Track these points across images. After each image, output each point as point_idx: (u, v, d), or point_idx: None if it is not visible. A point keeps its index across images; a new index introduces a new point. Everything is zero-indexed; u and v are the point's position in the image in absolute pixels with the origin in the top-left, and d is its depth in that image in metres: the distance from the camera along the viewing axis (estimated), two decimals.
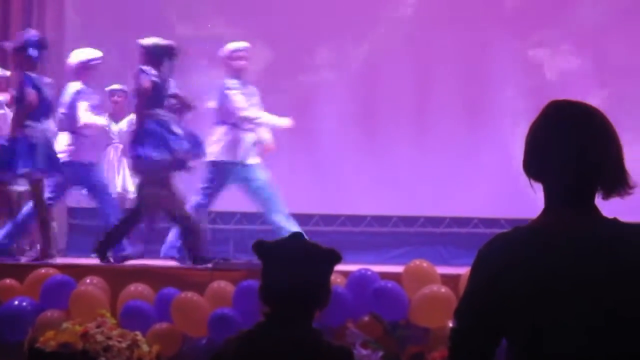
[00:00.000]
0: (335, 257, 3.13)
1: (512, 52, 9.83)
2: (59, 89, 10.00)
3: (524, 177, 2.38)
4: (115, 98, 9.87)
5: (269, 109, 9.92)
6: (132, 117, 9.80)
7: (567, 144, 2.32)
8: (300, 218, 9.83)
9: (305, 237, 3.18)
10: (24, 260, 8.53)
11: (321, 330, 3.10)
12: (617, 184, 2.33)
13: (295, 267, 3.06)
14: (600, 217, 2.32)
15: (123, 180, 9.71)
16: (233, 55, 8.44)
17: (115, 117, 9.86)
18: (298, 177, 9.75)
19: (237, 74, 8.42)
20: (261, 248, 3.12)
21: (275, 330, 3.03)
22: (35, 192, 8.28)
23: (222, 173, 8.42)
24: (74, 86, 8.63)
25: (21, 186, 9.36)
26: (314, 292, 3.09)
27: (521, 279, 2.26)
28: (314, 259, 3.09)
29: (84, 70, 8.61)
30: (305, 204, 8.99)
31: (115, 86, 9.91)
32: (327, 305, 3.13)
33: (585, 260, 2.24)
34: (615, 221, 2.31)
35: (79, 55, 8.67)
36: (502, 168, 8.75)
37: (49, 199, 8.56)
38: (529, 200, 2.50)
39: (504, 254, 2.31)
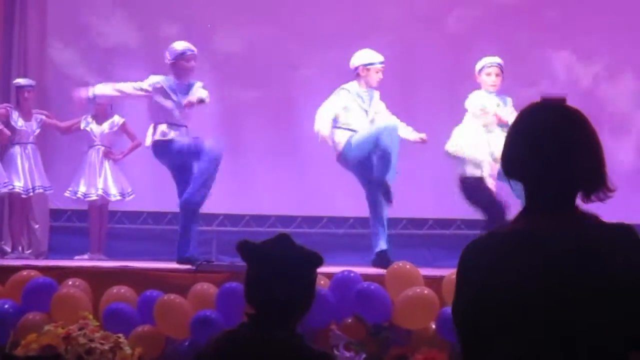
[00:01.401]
0: (317, 260, 3.12)
1: (501, 55, 9.84)
2: (40, 83, 10.01)
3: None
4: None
5: (253, 109, 9.93)
6: (115, 118, 9.82)
7: (546, 147, 2.32)
8: (282, 220, 9.84)
9: (291, 238, 3.16)
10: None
11: (303, 334, 3.09)
12: (596, 186, 2.32)
13: (278, 269, 3.04)
14: (580, 219, 2.31)
15: (104, 183, 9.67)
16: (482, 71, 8.30)
17: (98, 119, 9.82)
18: (281, 178, 9.75)
19: (486, 87, 8.26)
20: (245, 248, 3.10)
21: (258, 332, 3.02)
22: None
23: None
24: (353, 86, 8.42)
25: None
26: (297, 295, 3.07)
27: (501, 284, 2.25)
28: (298, 262, 3.08)
29: (364, 70, 8.39)
30: (287, 205, 8.99)
31: None
32: (309, 308, 3.12)
33: (565, 264, 2.23)
34: (595, 223, 2.30)
35: (361, 57, 8.43)
36: None
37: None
38: (511, 202, 2.50)
39: (484, 259, 2.30)
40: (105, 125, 9.81)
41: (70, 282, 7.40)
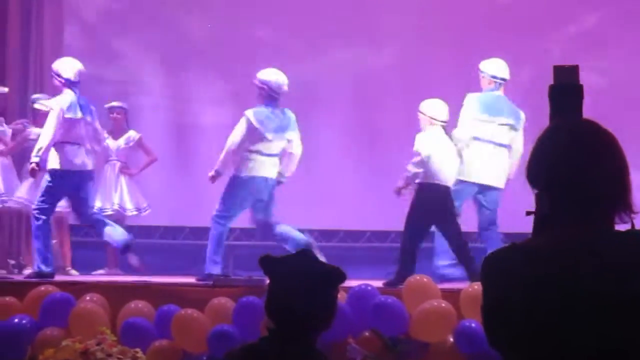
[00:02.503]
0: (339, 277, 3.10)
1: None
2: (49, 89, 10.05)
3: (516, 192, 2.38)
4: (114, 115, 9.87)
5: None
6: (131, 134, 9.85)
7: (567, 163, 2.31)
8: None
9: (313, 254, 3.14)
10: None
11: (323, 352, 3.08)
12: (619, 204, 2.31)
13: (299, 284, 3.03)
14: (601, 232, 2.30)
15: (120, 198, 9.70)
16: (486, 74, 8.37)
17: (114, 134, 9.85)
18: (298, 192, 9.74)
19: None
20: (267, 263, 3.10)
21: (277, 346, 3.01)
22: None
23: None
24: None
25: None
26: (317, 311, 3.06)
27: (522, 297, 2.24)
28: (319, 278, 3.06)
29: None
30: (305, 219, 8.96)
31: (114, 103, 9.92)
32: (330, 325, 3.11)
33: (585, 276, 2.23)
34: (615, 234, 2.29)
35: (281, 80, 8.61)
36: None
37: None
38: (524, 215, 2.49)
39: (507, 272, 2.29)
40: (121, 141, 9.84)
41: (87, 297, 7.42)
